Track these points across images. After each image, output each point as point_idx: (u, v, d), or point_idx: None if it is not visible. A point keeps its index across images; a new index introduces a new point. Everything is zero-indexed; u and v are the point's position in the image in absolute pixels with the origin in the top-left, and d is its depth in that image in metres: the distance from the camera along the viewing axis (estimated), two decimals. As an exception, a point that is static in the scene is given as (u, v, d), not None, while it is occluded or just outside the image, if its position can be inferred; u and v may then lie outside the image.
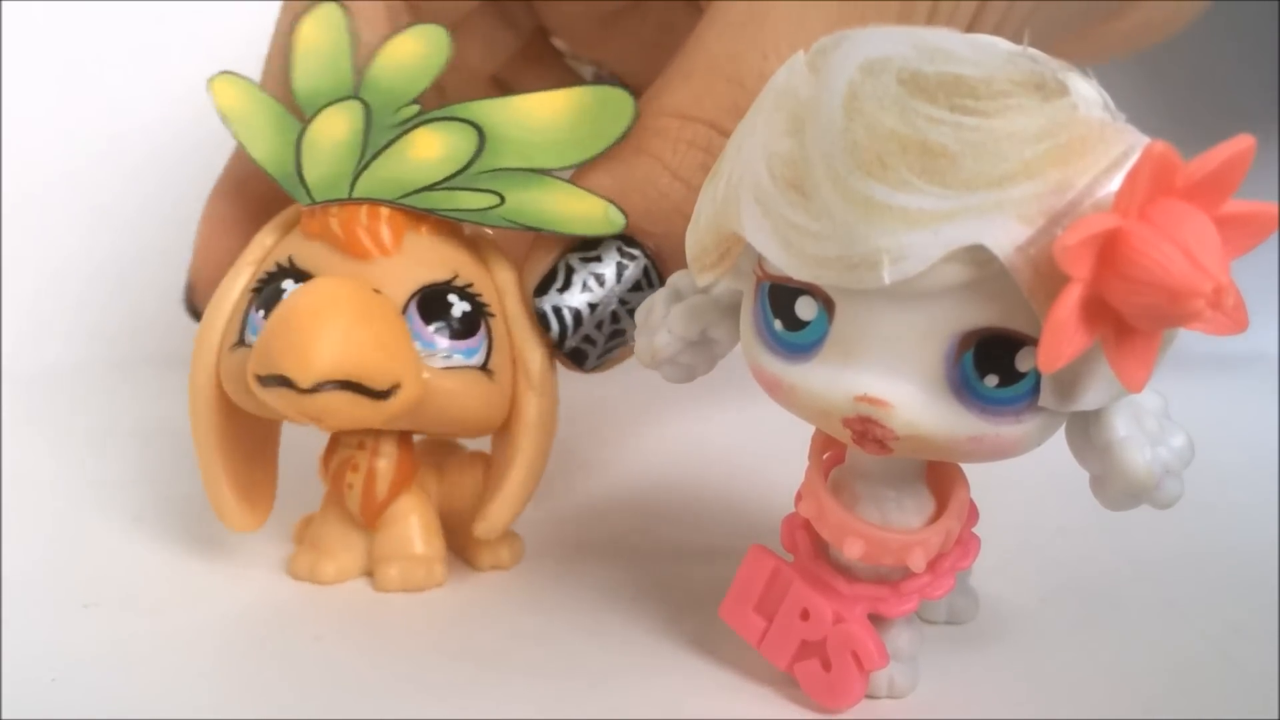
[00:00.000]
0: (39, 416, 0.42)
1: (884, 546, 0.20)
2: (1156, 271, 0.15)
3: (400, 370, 0.24)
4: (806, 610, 0.21)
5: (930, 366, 0.18)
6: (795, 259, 0.18)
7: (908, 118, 0.16)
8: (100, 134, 0.55)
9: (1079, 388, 0.18)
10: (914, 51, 0.17)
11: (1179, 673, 0.23)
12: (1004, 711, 0.21)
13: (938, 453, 0.19)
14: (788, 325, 0.19)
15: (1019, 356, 0.18)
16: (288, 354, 0.23)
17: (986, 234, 0.16)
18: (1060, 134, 0.16)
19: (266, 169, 0.26)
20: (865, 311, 0.18)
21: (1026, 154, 0.16)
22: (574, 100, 0.26)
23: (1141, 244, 0.15)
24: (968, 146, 0.16)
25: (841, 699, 0.21)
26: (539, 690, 0.22)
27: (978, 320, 0.18)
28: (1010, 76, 0.16)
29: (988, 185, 0.16)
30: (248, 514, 0.27)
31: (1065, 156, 0.16)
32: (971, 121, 0.16)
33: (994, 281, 0.17)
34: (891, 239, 0.17)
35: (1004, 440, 0.19)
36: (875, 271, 0.17)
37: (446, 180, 0.25)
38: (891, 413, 0.18)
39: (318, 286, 0.24)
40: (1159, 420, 0.19)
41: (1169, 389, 0.20)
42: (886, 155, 0.16)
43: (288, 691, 0.22)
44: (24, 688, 0.22)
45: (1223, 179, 0.16)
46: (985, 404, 0.18)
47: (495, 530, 0.26)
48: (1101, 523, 0.31)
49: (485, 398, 0.25)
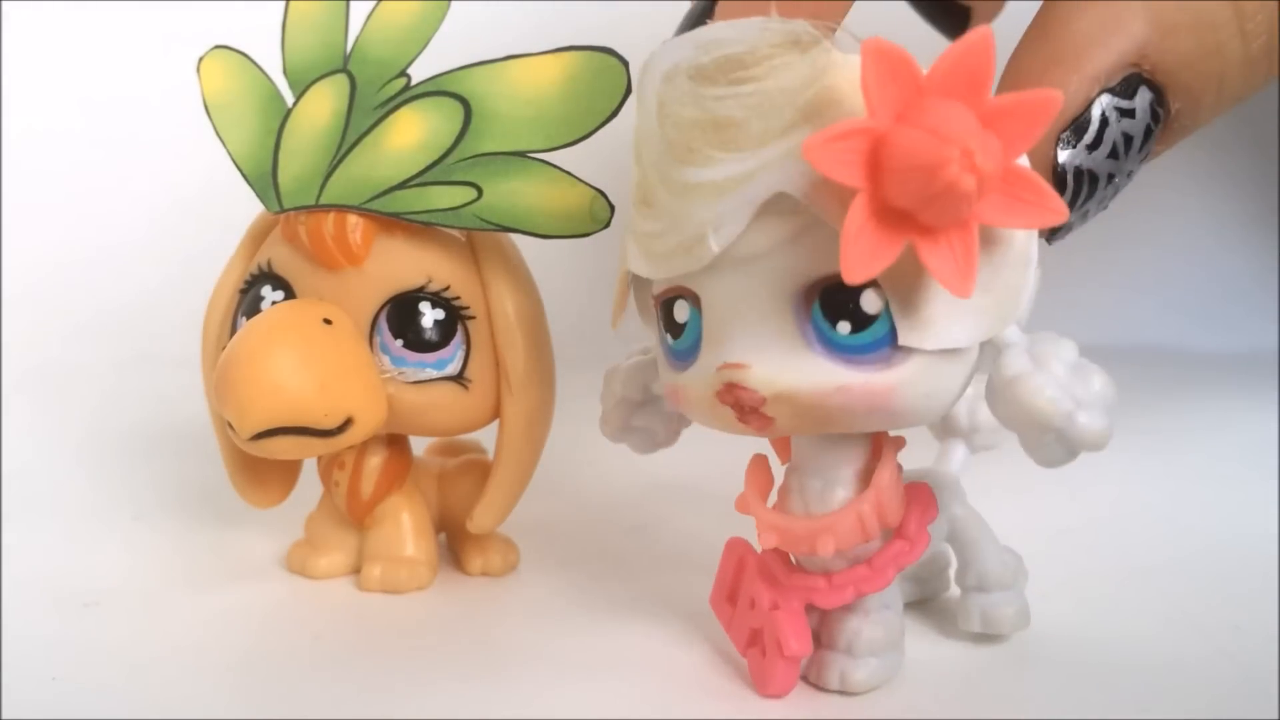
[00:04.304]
0: (39, 416, 0.42)
1: (793, 534, 0.21)
2: (909, 154, 0.17)
3: (351, 405, 0.24)
4: (753, 599, 0.22)
5: (784, 326, 0.19)
6: (651, 263, 0.20)
7: (701, 103, 0.18)
8: (100, 134, 0.55)
9: (930, 319, 0.19)
10: (695, 50, 0.19)
11: (1179, 673, 0.23)
12: (1004, 711, 0.21)
13: (813, 411, 0.19)
14: (674, 334, 0.21)
15: (863, 300, 0.19)
16: (228, 404, 0.23)
17: (786, 182, 0.18)
18: (823, 77, 0.18)
19: (242, 169, 0.26)
20: (718, 293, 0.19)
21: (799, 101, 0.18)
22: (566, 68, 0.25)
23: (894, 136, 0.17)
24: (750, 110, 0.18)
25: (769, 685, 0.22)
26: (525, 692, 0.22)
27: (811, 271, 0.19)
28: (769, 41, 0.18)
29: (774, 138, 0.18)
30: (260, 492, 0.28)
31: (834, 96, 0.18)
32: (748, 89, 0.18)
33: (816, 230, 0.18)
34: (709, 211, 0.19)
35: (876, 387, 0.19)
36: (704, 245, 0.19)
37: (422, 173, 0.25)
38: (749, 373, 0.19)
39: (259, 328, 0.24)
40: (1069, 364, 0.19)
41: (1169, 388, 0.20)
42: (692, 141, 0.19)
43: (287, 691, 0.22)
44: (24, 688, 0.22)
45: (969, 72, 0.17)
46: (846, 352, 0.19)
47: (483, 528, 0.26)
48: (1101, 523, 0.32)
49: (456, 409, 0.25)
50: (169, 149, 0.51)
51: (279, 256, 0.25)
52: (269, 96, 0.27)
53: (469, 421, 0.26)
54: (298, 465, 0.29)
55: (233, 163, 0.26)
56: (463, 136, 0.25)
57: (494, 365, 0.26)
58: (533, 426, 0.26)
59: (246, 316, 0.25)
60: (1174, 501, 0.33)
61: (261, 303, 0.25)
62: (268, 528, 0.30)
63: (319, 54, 0.27)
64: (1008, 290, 0.19)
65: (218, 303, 0.27)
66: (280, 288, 0.25)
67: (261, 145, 0.26)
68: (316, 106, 0.26)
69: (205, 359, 0.27)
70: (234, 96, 0.27)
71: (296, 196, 0.25)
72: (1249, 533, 0.31)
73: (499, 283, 0.25)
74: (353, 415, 0.24)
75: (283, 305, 0.25)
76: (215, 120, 0.27)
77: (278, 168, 0.26)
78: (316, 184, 0.25)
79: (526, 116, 0.25)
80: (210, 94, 0.27)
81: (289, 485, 0.28)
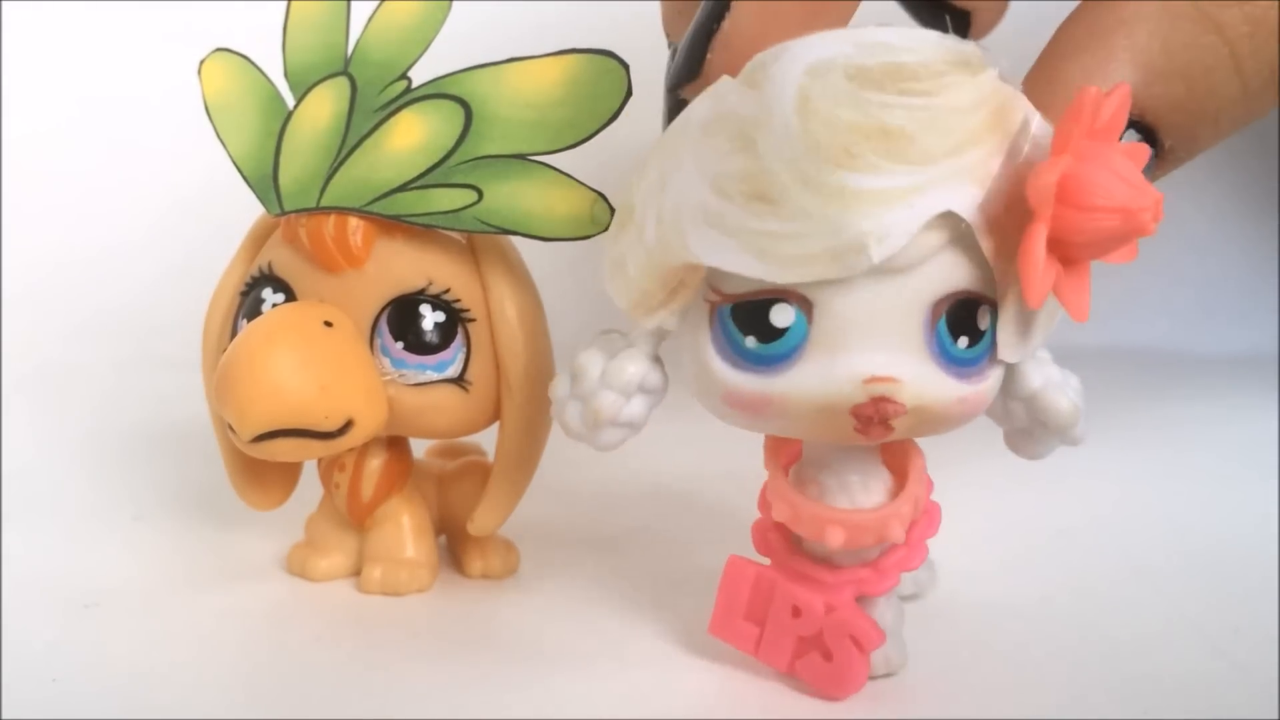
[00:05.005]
0: (39, 416, 0.42)
1: (863, 528, 0.21)
2: (1108, 196, 0.17)
3: (351, 407, 0.24)
4: (797, 607, 0.22)
5: (915, 339, 0.19)
6: (774, 265, 0.19)
7: (863, 108, 0.18)
8: (100, 134, 0.55)
9: (1030, 335, 0.20)
10: (855, 49, 0.18)
11: (1179, 673, 0.23)
12: (1004, 711, 0.21)
13: (932, 421, 0.20)
14: (762, 338, 0.20)
15: (978, 316, 0.19)
16: (228, 406, 0.23)
17: (953, 200, 0.18)
18: (989, 102, 0.18)
19: (243, 170, 0.26)
20: (846, 300, 0.19)
21: (970, 123, 0.18)
22: (567, 71, 0.25)
23: (1091, 177, 0.17)
24: (921, 124, 0.18)
25: (849, 685, 0.22)
26: (526, 693, 0.22)
27: (946, 286, 0.19)
28: (943, 58, 0.18)
29: (945, 155, 0.18)
30: (261, 493, 0.28)
31: (997, 121, 0.18)
32: (919, 102, 0.18)
33: (956, 247, 0.19)
34: (874, 220, 0.18)
35: (979, 399, 0.20)
36: (863, 254, 0.18)
37: (423, 175, 0.25)
38: (902, 387, 0.19)
39: (259, 330, 0.24)
40: (1058, 369, 0.22)
41: (1169, 389, 0.21)
42: (851, 145, 0.18)
43: (287, 692, 0.22)
44: (24, 688, 0.22)
45: (1115, 120, 0.18)
46: (961, 366, 0.20)
47: (484, 530, 0.27)
48: (1101, 523, 0.32)
49: (457, 411, 0.25)
50: (169, 149, 0.51)
51: (280, 259, 0.25)
52: (270, 98, 0.27)
53: (469, 424, 0.26)
54: (298, 467, 0.29)
55: (233, 165, 0.26)
56: (463, 139, 0.25)
57: (494, 368, 0.26)
58: (533, 429, 0.26)
59: (247, 319, 0.25)
60: (1174, 501, 0.33)
61: (262, 305, 0.25)
62: (268, 529, 0.30)
63: (320, 56, 0.27)
64: (1053, 309, 0.20)
65: (218, 305, 0.27)
66: (281, 290, 0.25)
67: (262, 147, 0.26)
68: (317, 109, 0.26)
69: (206, 361, 0.27)
70: (235, 98, 0.27)
71: (297, 199, 0.25)
72: (1249, 533, 0.31)
73: (499, 285, 0.25)
74: (353, 417, 0.24)
75: (283, 307, 0.25)
76: (216, 122, 0.27)
77: (278, 170, 0.26)
78: (317, 186, 0.25)
79: (527, 119, 0.25)
80: (211, 96, 0.27)
81: (289, 487, 0.28)
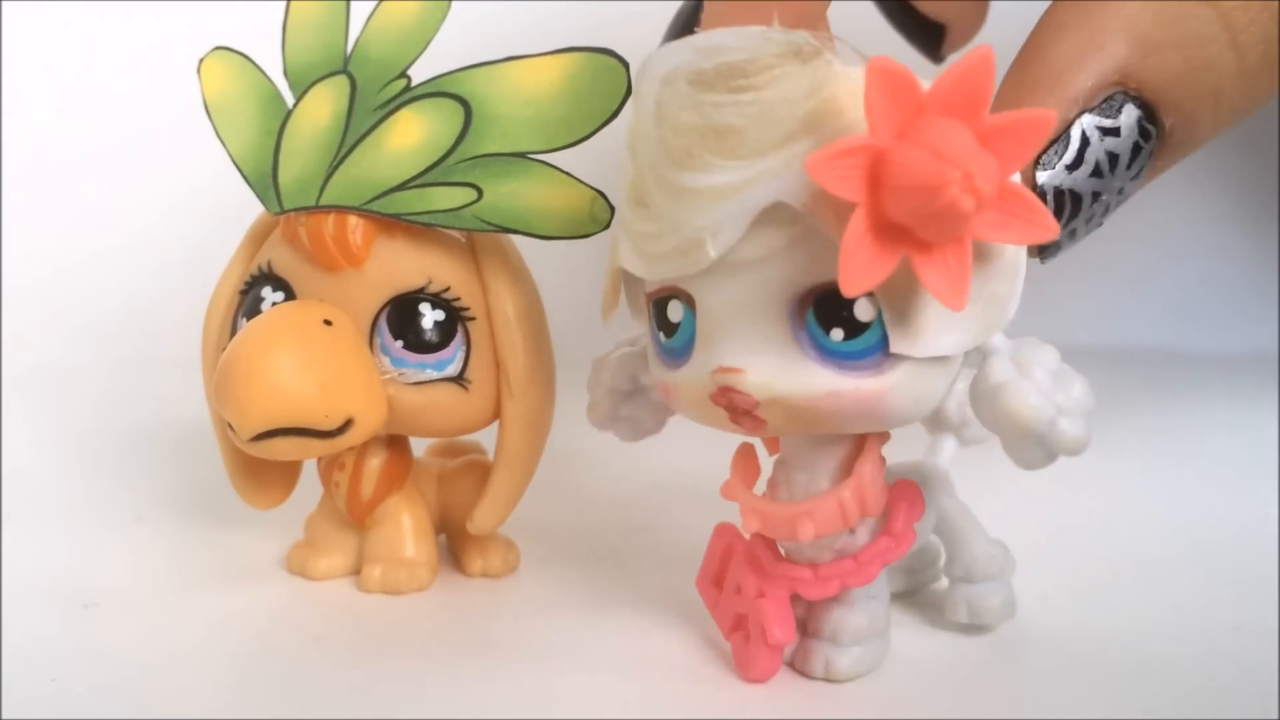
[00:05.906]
0: (39, 416, 0.42)
1: (774, 518, 0.21)
2: (910, 173, 0.17)
3: (351, 406, 0.24)
4: (739, 584, 0.23)
5: (778, 332, 0.19)
6: (646, 263, 0.20)
7: (700, 109, 0.19)
8: (100, 134, 0.55)
9: (922, 328, 0.19)
10: (695, 54, 0.19)
11: (1179, 673, 0.23)
12: (1003, 711, 0.21)
13: (805, 414, 0.20)
14: (667, 333, 0.21)
15: (857, 308, 0.19)
16: (227, 405, 0.23)
17: (784, 191, 0.18)
18: (824, 89, 0.18)
19: (242, 169, 0.26)
20: (714, 296, 0.20)
21: (799, 112, 0.18)
22: (567, 69, 0.25)
23: (895, 154, 0.17)
24: (749, 119, 0.18)
25: (751, 670, 0.22)
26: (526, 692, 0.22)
27: (806, 279, 0.19)
28: (770, 51, 0.18)
29: (774, 147, 0.18)
30: (260, 493, 0.28)
31: (834, 108, 0.18)
32: (748, 97, 0.18)
33: (811, 239, 0.19)
34: (707, 217, 0.19)
35: (866, 393, 0.19)
36: (702, 250, 0.19)
37: (423, 174, 0.25)
38: (743, 377, 0.19)
39: (259, 329, 0.24)
40: (1051, 371, 0.20)
41: (1169, 389, 0.20)
42: (690, 146, 0.19)
43: (286, 691, 0.22)
44: (24, 688, 0.22)
45: (969, 91, 0.17)
46: (839, 358, 0.19)
47: (483, 529, 0.27)
48: (1102, 523, 0.32)
49: (457, 410, 0.25)
50: (169, 149, 0.51)
51: (279, 258, 0.25)
52: (269, 97, 0.27)
53: (469, 422, 0.26)
54: (298, 466, 0.29)
55: (233, 163, 0.26)
56: (463, 137, 0.25)
57: (494, 366, 0.26)
58: (533, 427, 0.26)
59: (247, 318, 0.25)
60: (1174, 501, 0.33)
61: (262, 304, 0.25)
62: (268, 529, 0.30)
63: (319, 55, 0.27)
64: (996, 300, 0.19)
65: (218, 304, 0.27)
66: (280, 289, 0.25)
67: (262, 146, 0.26)
68: (317, 107, 0.26)
69: (205, 360, 0.27)
70: (234, 98, 0.27)
71: (297, 197, 0.25)
72: (1249, 533, 0.31)
73: (499, 284, 0.25)
74: (353, 416, 0.24)
75: (283, 306, 0.25)
76: (216, 121, 0.27)
77: (278, 169, 0.26)
78: (317, 185, 0.25)
79: (526, 117, 0.25)
80: (211, 95, 0.27)
81: (289, 486, 0.28)
